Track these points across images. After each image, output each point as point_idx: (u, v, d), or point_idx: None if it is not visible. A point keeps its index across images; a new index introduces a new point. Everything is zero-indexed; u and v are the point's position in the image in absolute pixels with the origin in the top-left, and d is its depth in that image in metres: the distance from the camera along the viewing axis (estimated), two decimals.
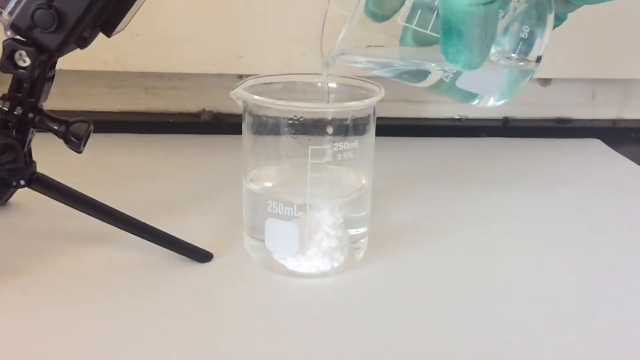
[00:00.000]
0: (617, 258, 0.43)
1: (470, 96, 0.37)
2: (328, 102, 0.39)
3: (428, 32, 0.32)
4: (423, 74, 0.37)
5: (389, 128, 0.64)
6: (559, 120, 0.73)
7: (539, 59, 0.36)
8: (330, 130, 0.36)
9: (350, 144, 0.37)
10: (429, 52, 0.34)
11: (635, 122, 0.74)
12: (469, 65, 0.31)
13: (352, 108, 0.37)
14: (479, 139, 0.68)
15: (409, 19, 0.33)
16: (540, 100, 0.71)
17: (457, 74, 0.36)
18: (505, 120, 0.71)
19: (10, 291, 0.36)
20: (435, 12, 0.32)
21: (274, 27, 0.62)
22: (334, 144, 0.37)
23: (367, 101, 0.37)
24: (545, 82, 0.71)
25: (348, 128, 0.37)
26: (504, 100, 0.37)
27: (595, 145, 0.68)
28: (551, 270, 0.41)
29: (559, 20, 0.38)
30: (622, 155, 0.64)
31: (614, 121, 0.74)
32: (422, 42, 0.34)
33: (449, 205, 0.51)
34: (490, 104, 0.37)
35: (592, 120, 0.73)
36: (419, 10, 0.32)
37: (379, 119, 0.39)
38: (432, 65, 0.36)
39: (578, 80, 0.71)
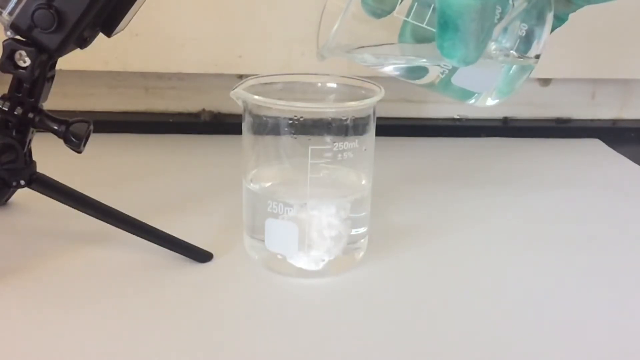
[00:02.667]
0: (617, 258, 0.43)
1: (467, 94, 0.37)
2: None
3: (424, 26, 0.32)
4: (421, 72, 0.37)
5: (389, 128, 0.64)
6: (559, 120, 0.73)
7: (537, 57, 0.36)
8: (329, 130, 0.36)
9: (350, 144, 0.37)
10: (427, 49, 0.34)
11: (635, 122, 0.74)
12: (465, 61, 0.31)
13: (352, 108, 0.37)
14: (479, 139, 0.68)
15: (406, 13, 0.33)
16: (540, 100, 0.71)
17: (453, 71, 0.36)
18: (505, 120, 0.71)
19: (10, 291, 0.36)
20: (433, 5, 0.32)
21: (274, 27, 0.62)
22: (334, 144, 0.37)
23: (367, 101, 0.37)
24: (545, 82, 0.71)
25: (348, 128, 0.37)
26: (501, 99, 0.37)
27: (595, 145, 0.68)
28: (551, 270, 0.41)
29: (560, 21, 0.38)
30: (622, 155, 0.64)
31: (614, 121, 0.74)
32: (421, 38, 0.33)
33: (448, 205, 0.51)
34: (488, 103, 0.37)
35: (592, 120, 0.73)
36: (416, 4, 0.32)
37: (379, 119, 0.39)
38: (429, 61, 0.36)
39: (578, 80, 0.71)
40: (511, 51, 0.35)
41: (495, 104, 0.37)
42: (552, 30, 0.36)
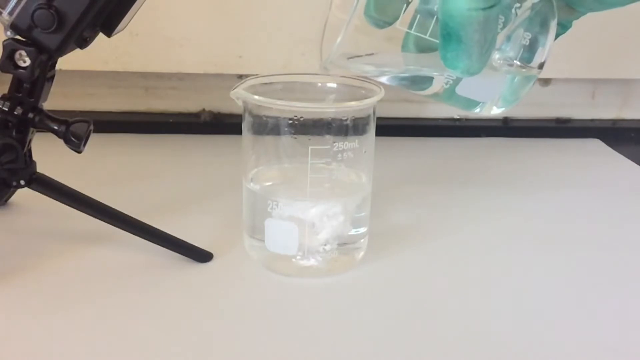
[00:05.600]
0: (617, 258, 0.43)
1: (471, 104, 0.37)
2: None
3: (427, 37, 0.32)
4: (425, 82, 0.37)
5: (389, 128, 0.64)
6: (559, 120, 0.73)
7: (541, 65, 0.35)
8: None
9: (350, 144, 0.37)
10: (430, 59, 0.33)
11: (635, 122, 0.74)
12: (468, 71, 0.31)
13: (352, 108, 0.37)
14: (479, 139, 0.68)
15: (409, 25, 0.32)
16: (540, 100, 0.71)
17: (457, 81, 0.35)
18: (505, 120, 0.71)
19: (10, 291, 0.36)
20: (435, 17, 0.32)
21: (274, 27, 0.62)
22: (334, 144, 0.37)
23: (367, 101, 0.37)
24: (545, 82, 0.71)
25: (348, 128, 0.37)
26: (506, 107, 0.37)
27: (595, 145, 0.68)
28: (551, 269, 0.41)
29: (564, 28, 0.38)
30: (622, 155, 0.64)
31: (614, 121, 0.74)
32: (425, 48, 0.33)
33: (448, 205, 0.51)
34: (493, 112, 0.37)
35: (592, 120, 0.73)
36: (419, 16, 0.32)
37: (379, 119, 0.39)
38: (433, 71, 0.36)
39: (578, 80, 0.71)
40: (515, 61, 0.35)
41: (500, 112, 0.37)
42: (556, 37, 0.36)
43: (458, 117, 0.71)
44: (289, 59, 0.63)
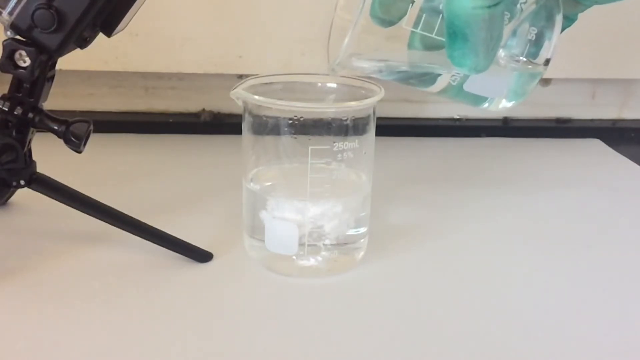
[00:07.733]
0: (617, 258, 0.43)
1: (479, 99, 0.37)
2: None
3: (434, 36, 0.32)
4: (432, 79, 0.37)
5: (389, 128, 0.64)
6: (559, 120, 0.73)
7: (547, 62, 0.35)
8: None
9: (350, 144, 0.37)
10: (437, 57, 0.33)
11: (635, 122, 0.74)
12: (476, 69, 0.31)
13: (352, 108, 0.37)
14: (479, 139, 0.68)
15: (414, 24, 0.32)
16: (540, 100, 0.71)
17: (464, 78, 0.36)
18: (505, 120, 0.71)
19: (10, 291, 0.36)
20: (441, 15, 0.32)
21: (274, 27, 0.62)
22: (334, 144, 0.37)
23: (367, 101, 0.37)
24: (545, 82, 0.71)
25: (348, 128, 0.37)
26: (513, 102, 0.37)
27: (595, 145, 0.68)
28: (551, 270, 0.41)
29: (570, 21, 0.38)
30: (622, 155, 0.64)
31: (614, 121, 0.74)
32: (430, 46, 0.33)
33: (448, 205, 0.51)
34: (502, 106, 0.37)
35: (592, 120, 0.73)
36: (424, 15, 0.32)
37: (379, 119, 0.39)
38: (440, 69, 0.36)
39: (578, 80, 0.71)
40: (521, 57, 0.35)
41: (509, 107, 0.37)
42: (562, 30, 0.36)
43: (458, 117, 0.71)
44: (289, 59, 0.63)
